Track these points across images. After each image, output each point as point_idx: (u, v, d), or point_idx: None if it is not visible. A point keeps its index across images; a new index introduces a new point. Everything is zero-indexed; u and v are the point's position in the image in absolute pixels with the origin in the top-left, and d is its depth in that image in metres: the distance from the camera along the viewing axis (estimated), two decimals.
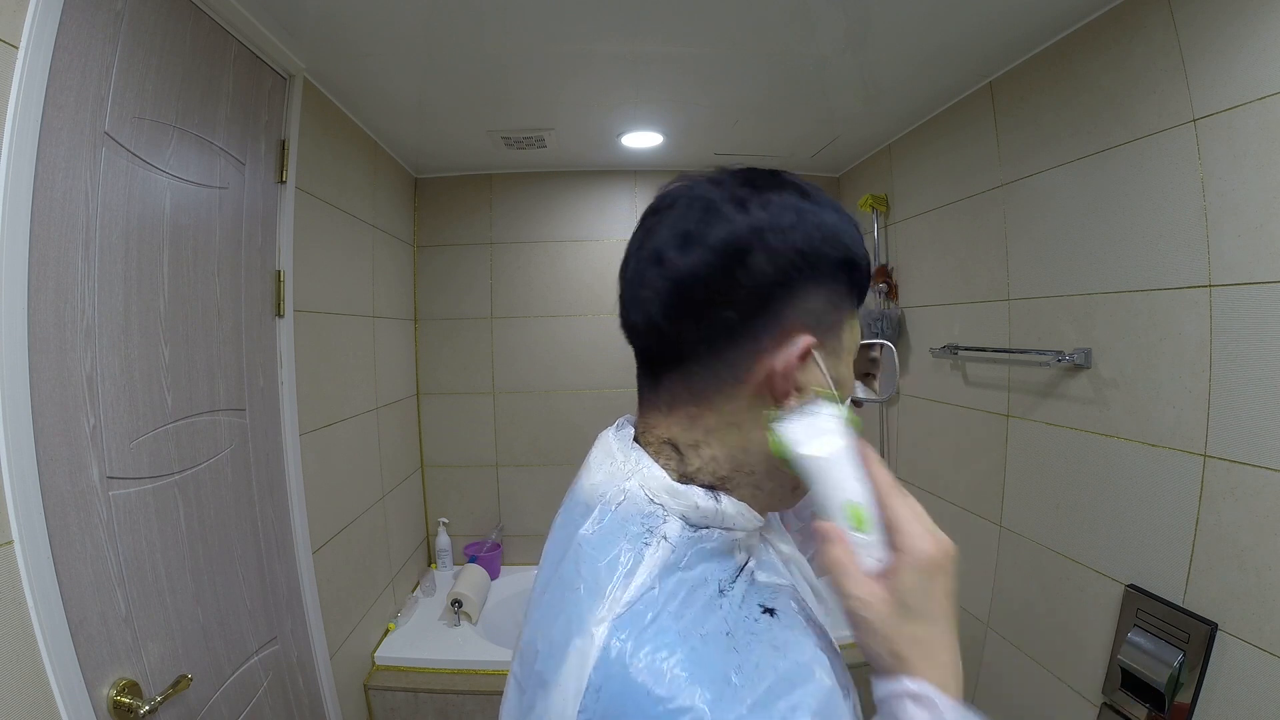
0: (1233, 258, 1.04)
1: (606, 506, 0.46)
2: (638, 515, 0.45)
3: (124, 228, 0.96)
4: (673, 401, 0.49)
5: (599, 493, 0.47)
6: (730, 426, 0.47)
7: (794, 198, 0.46)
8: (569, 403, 2.53)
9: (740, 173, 0.48)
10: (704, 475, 0.47)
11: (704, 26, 1.37)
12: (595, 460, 0.51)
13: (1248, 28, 1.00)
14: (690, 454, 0.48)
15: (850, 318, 0.49)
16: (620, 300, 0.50)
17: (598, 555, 0.43)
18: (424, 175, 2.49)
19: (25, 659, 0.76)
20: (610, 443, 0.51)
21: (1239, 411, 1.03)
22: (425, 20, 1.31)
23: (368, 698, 1.84)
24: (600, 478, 0.49)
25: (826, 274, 0.46)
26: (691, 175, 0.49)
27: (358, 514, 1.84)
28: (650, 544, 0.43)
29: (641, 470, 0.47)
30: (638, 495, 0.46)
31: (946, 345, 1.78)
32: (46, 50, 0.80)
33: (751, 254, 0.43)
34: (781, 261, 0.44)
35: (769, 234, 0.44)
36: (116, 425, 0.94)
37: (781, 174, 0.48)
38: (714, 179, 0.48)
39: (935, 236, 1.92)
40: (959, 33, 1.39)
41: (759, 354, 0.45)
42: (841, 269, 0.47)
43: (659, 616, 0.39)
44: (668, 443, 0.49)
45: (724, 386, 0.46)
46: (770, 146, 2.24)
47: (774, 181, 0.47)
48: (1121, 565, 1.27)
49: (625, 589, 0.41)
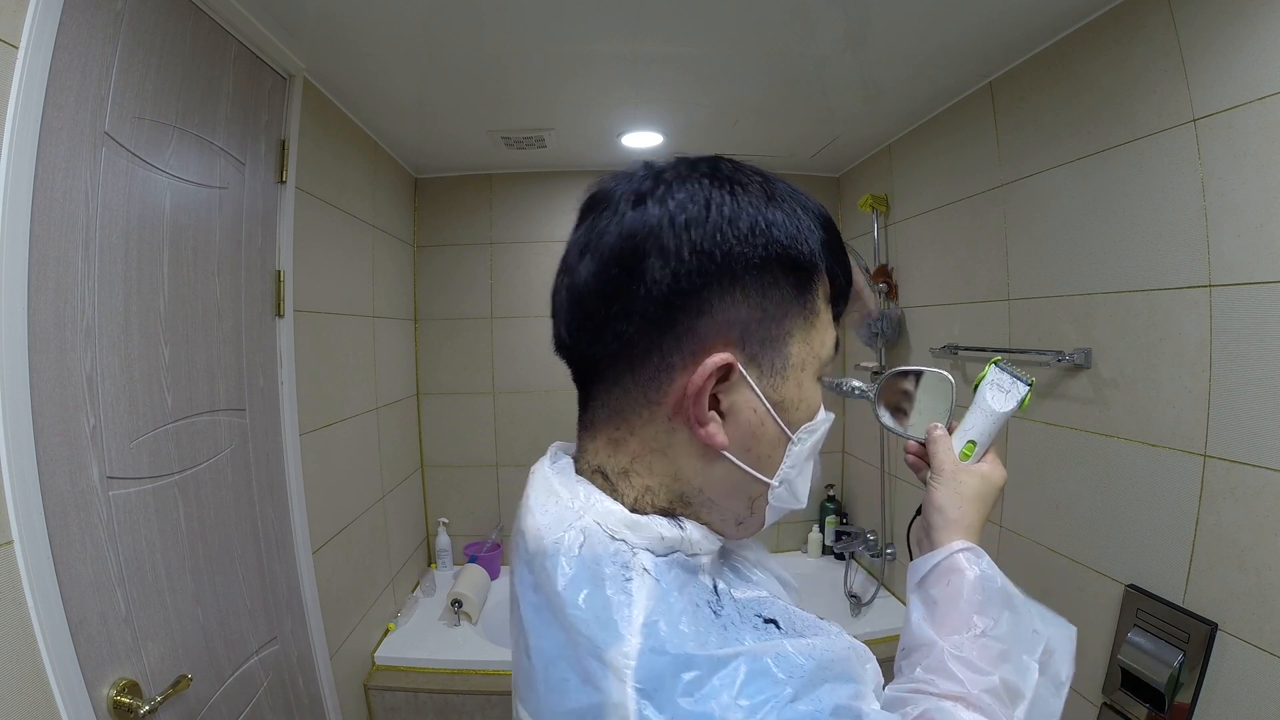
0: (1233, 258, 1.04)
1: (570, 554, 0.39)
2: (606, 556, 0.39)
3: (124, 228, 0.96)
4: (596, 423, 0.45)
5: (552, 539, 0.40)
6: (655, 453, 0.43)
7: (706, 188, 0.40)
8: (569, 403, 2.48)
9: (656, 164, 0.43)
10: (644, 509, 0.43)
11: (704, 26, 1.37)
12: (536, 501, 0.44)
13: (1248, 28, 1.00)
14: (621, 483, 0.43)
15: (804, 328, 0.43)
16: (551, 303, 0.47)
17: (585, 616, 0.37)
18: (424, 175, 2.49)
19: (25, 659, 0.76)
20: (550, 479, 0.45)
21: (1239, 411, 1.03)
22: (425, 20, 1.31)
23: (368, 698, 1.84)
24: (546, 520, 0.42)
25: (749, 278, 0.39)
26: (622, 169, 0.44)
27: (358, 514, 1.84)
28: (632, 578, 0.38)
29: (594, 506, 0.41)
30: (597, 534, 0.40)
31: (946, 345, 1.78)
32: (46, 50, 0.80)
33: (643, 258, 0.38)
34: (681, 266, 0.38)
35: (663, 233, 0.38)
36: (116, 425, 0.94)
37: (717, 160, 0.42)
38: (628, 174, 0.43)
39: (935, 236, 1.92)
40: (959, 33, 1.39)
41: (671, 373, 0.40)
42: (773, 270, 0.40)
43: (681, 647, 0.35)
44: (598, 471, 0.44)
45: (639, 408, 0.42)
46: (770, 146, 2.24)
47: (690, 171, 0.41)
48: (1121, 565, 1.27)
49: (629, 640, 0.35)
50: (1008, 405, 0.60)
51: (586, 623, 0.36)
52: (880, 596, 2.18)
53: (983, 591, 0.50)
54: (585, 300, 0.41)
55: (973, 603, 0.50)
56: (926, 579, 0.53)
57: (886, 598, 2.19)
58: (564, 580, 0.38)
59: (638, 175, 0.42)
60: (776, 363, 0.42)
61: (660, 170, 0.42)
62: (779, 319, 0.41)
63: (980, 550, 0.53)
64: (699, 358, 0.40)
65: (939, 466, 0.58)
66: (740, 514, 0.45)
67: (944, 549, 0.53)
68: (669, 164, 0.43)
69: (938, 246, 1.91)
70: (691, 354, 0.40)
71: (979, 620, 0.49)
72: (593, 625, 0.36)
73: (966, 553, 0.53)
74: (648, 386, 0.41)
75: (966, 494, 0.56)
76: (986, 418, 0.60)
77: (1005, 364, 0.62)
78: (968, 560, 0.52)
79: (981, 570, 0.52)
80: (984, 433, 0.60)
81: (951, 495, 0.56)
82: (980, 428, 0.60)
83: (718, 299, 0.39)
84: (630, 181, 0.42)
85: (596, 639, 0.35)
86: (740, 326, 0.40)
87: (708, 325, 0.39)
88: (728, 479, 0.43)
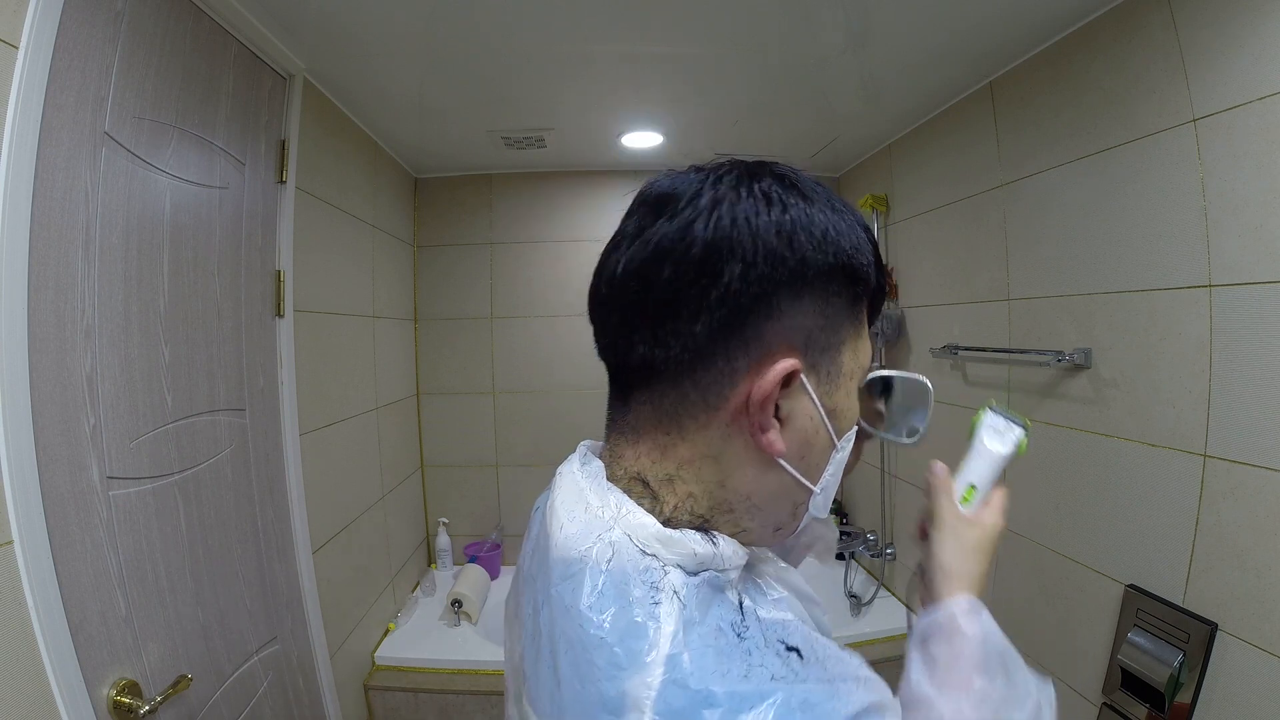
0: (1233, 258, 1.04)
1: (597, 568, 0.38)
2: (635, 573, 0.38)
3: (124, 228, 0.96)
4: (640, 427, 0.43)
5: (579, 550, 0.40)
6: (706, 459, 0.42)
7: (779, 194, 0.40)
8: (569, 403, 2.53)
9: (722, 165, 0.42)
10: (681, 516, 0.42)
11: (704, 27, 1.37)
12: (564, 506, 0.43)
13: (1248, 28, 1.00)
14: (664, 491, 0.42)
15: (854, 338, 0.43)
16: (590, 304, 0.45)
17: (609, 638, 0.36)
18: (424, 175, 2.49)
19: (25, 659, 0.76)
20: (579, 483, 0.44)
21: (1239, 411, 1.03)
22: (425, 20, 1.31)
23: (368, 698, 1.84)
24: (575, 529, 0.41)
25: (818, 284, 0.40)
26: (675, 169, 0.44)
27: (358, 514, 1.84)
28: (661, 602, 0.37)
29: (624, 517, 0.40)
30: (627, 548, 0.39)
31: (946, 345, 1.78)
32: (46, 50, 0.80)
33: (723, 261, 0.38)
34: (755, 270, 0.38)
35: (743, 236, 0.38)
36: (116, 425, 0.94)
37: (776, 165, 0.43)
38: (686, 175, 0.42)
39: (935, 236, 1.92)
40: (959, 33, 1.39)
41: (734, 377, 0.40)
42: (838, 279, 0.41)
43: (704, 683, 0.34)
44: (637, 478, 0.43)
45: (696, 413, 0.41)
46: (770, 146, 2.24)
47: (757, 175, 0.41)
48: (1121, 565, 1.27)
49: (653, 671, 0.34)
50: (1005, 448, 0.59)
51: (610, 646, 0.36)
52: (880, 596, 2.18)
53: (983, 651, 0.49)
54: (652, 303, 0.40)
55: (973, 661, 0.48)
56: (928, 635, 0.51)
57: (886, 598, 2.19)
58: (589, 596, 0.38)
59: (703, 178, 0.41)
60: (831, 370, 0.42)
61: (726, 172, 0.41)
62: (836, 327, 0.42)
63: (981, 605, 0.52)
64: (764, 363, 0.39)
65: (940, 517, 0.56)
66: (782, 520, 0.45)
67: (946, 605, 0.51)
68: (726, 167, 0.42)
69: (938, 246, 1.91)
70: (756, 359, 0.39)
71: (979, 680, 0.47)
72: (616, 650, 0.35)
73: (969, 611, 0.51)
74: (708, 391, 0.40)
75: (968, 545, 0.55)
76: (984, 461, 0.59)
77: (998, 407, 0.61)
78: (970, 618, 0.50)
79: (984, 629, 0.50)
80: (983, 477, 0.58)
81: (954, 547, 0.54)
82: (979, 472, 0.59)
83: (787, 304, 0.39)
84: (696, 183, 0.41)
85: (619, 664, 0.35)
86: (805, 333, 0.40)
87: (774, 330, 0.39)
88: (778, 485, 0.43)
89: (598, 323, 0.45)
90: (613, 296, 0.42)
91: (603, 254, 0.44)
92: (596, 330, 0.45)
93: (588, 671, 0.36)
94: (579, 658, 0.37)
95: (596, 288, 0.44)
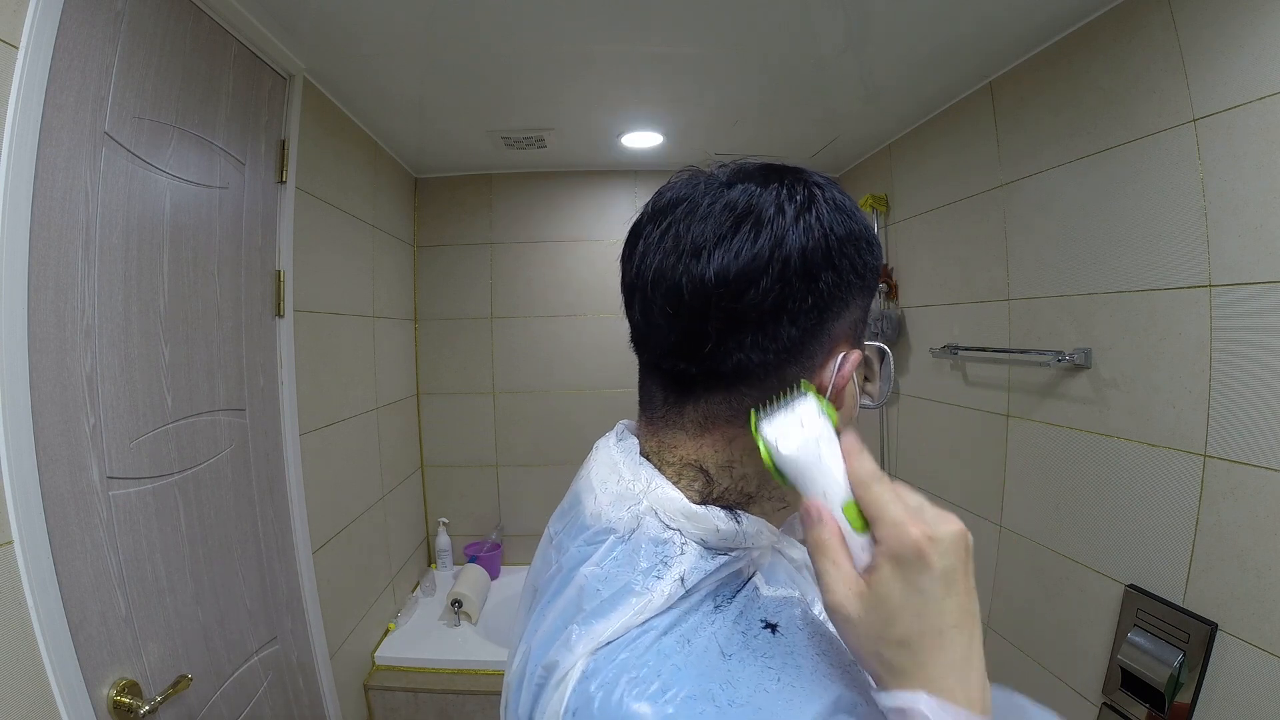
0: (1233, 258, 1.04)
1: (618, 538, 0.42)
2: (650, 545, 0.41)
3: (124, 228, 0.96)
4: (707, 423, 0.44)
5: (606, 519, 0.43)
6: None
7: (840, 198, 0.44)
8: (569, 403, 2.53)
9: (771, 172, 0.44)
10: (731, 494, 0.44)
11: (704, 27, 1.37)
12: (598, 476, 0.46)
13: (1248, 28, 1.00)
14: (721, 475, 0.44)
15: (865, 332, 0.49)
16: (635, 310, 0.45)
17: (603, 589, 0.40)
18: (424, 175, 2.49)
19: (25, 659, 0.76)
20: (614, 456, 0.47)
21: (1239, 411, 1.03)
22: (425, 20, 1.31)
23: (368, 698, 1.84)
24: (606, 500, 0.44)
25: (869, 286, 0.45)
26: (701, 170, 0.45)
27: (358, 514, 1.84)
28: (662, 578, 0.39)
29: (654, 491, 0.43)
30: (651, 521, 0.42)
31: (946, 345, 1.78)
32: (46, 50, 0.80)
33: (819, 268, 0.41)
34: (841, 277, 0.42)
35: (832, 245, 0.41)
36: (116, 425, 0.94)
37: (805, 173, 0.45)
38: (740, 176, 0.43)
39: (935, 236, 1.92)
40: (959, 33, 1.39)
41: (812, 371, 0.43)
42: (875, 282, 0.46)
43: (649, 642, 0.37)
44: (693, 465, 0.44)
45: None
46: (770, 146, 2.24)
47: (818, 181, 0.44)
48: (1121, 565, 1.27)
49: (623, 620, 0.38)
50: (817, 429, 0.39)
51: (595, 593, 0.39)
52: None
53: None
54: (753, 311, 0.40)
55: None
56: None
57: None
58: (597, 566, 0.41)
59: (776, 189, 0.42)
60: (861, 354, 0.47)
61: (793, 180, 0.43)
62: (865, 323, 0.47)
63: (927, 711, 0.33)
64: (832, 355, 0.44)
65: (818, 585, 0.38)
66: None
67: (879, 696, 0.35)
68: (774, 170, 0.44)
69: (938, 246, 1.91)
70: (827, 353, 0.43)
71: None
72: (595, 599, 0.39)
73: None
74: (787, 384, 0.43)
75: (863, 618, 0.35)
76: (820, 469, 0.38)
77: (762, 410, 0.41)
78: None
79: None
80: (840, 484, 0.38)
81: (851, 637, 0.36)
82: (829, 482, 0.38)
83: (853, 303, 0.44)
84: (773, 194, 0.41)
85: (589, 610, 0.39)
86: (855, 327, 0.45)
87: (840, 326, 0.44)
88: None
89: (647, 317, 0.43)
90: (697, 308, 0.40)
91: (658, 262, 0.42)
92: (650, 333, 0.44)
93: (565, 608, 0.40)
94: (568, 597, 0.41)
95: (666, 297, 0.41)
